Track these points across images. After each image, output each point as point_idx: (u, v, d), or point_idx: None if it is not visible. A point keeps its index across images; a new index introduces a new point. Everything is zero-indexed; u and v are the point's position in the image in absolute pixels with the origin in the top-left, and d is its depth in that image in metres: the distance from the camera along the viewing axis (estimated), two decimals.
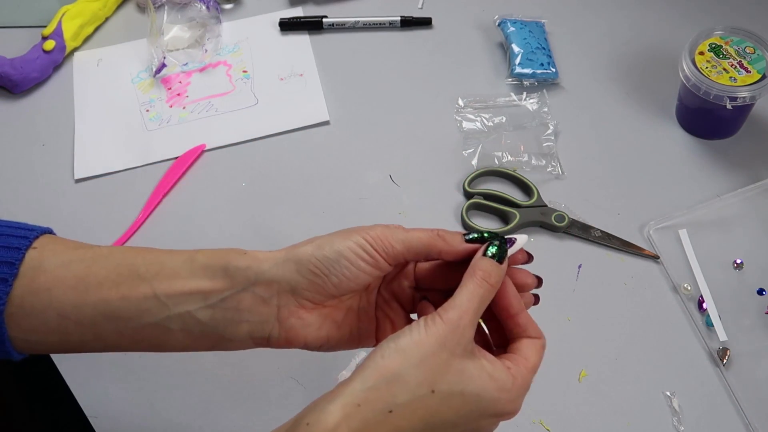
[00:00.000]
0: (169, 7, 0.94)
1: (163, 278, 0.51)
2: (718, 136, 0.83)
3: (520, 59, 0.87)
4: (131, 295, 0.51)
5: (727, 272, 0.73)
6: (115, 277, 0.51)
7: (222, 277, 0.50)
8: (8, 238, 0.53)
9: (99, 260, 0.52)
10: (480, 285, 0.48)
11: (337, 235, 0.51)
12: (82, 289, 0.51)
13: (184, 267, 0.51)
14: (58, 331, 0.52)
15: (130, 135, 0.86)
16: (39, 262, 0.52)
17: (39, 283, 0.51)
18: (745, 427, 0.65)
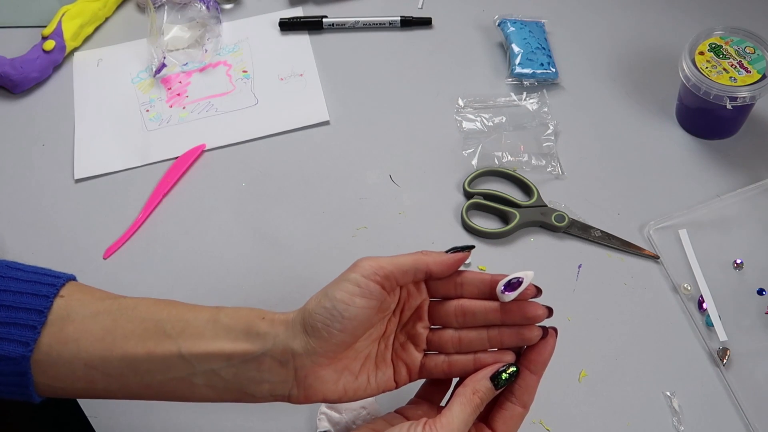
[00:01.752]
0: (169, 7, 0.94)
1: (188, 337, 0.53)
2: (718, 136, 0.83)
3: (520, 59, 0.87)
4: (157, 352, 0.52)
5: (727, 272, 0.73)
6: (141, 332, 0.53)
7: (244, 341, 0.52)
8: (36, 285, 0.54)
9: (125, 312, 0.54)
10: (476, 410, 0.51)
11: (332, 284, 0.53)
12: (109, 342, 0.53)
13: (207, 327, 0.53)
14: (85, 379, 0.53)
15: (130, 135, 0.86)
16: (67, 311, 0.53)
17: (67, 333, 0.53)
18: (745, 427, 0.65)
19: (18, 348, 0.52)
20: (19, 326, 0.52)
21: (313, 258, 0.75)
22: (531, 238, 0.77)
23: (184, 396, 0.54)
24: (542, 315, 0.53)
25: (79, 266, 0.76)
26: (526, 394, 0.53)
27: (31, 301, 0.53)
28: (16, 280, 0.54)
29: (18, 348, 0.52)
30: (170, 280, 0.75)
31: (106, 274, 0.76)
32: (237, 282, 0.75)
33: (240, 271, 0.75)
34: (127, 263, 0.76)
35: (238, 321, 0.53)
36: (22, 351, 0.52)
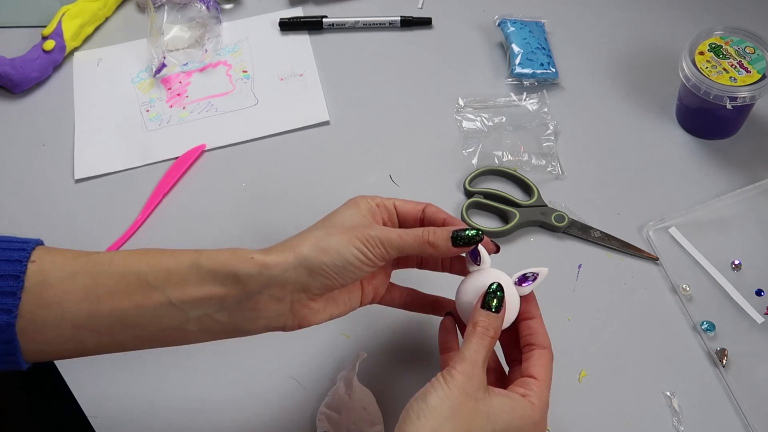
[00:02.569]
0: (169, 7, 0.94)
1: (174, 285, 0.53)
2: (718, 136, 0.83)
3: (520, 59, 0.87)
4: (146, 304, 0.53)
5: (725, 273, 0.73)
6: (124, 287, 0.53)
7: (233, 284, 0.53)
8: (5, 252, 0.53)
9: (102, 269, 0.53)
10: (482, 338, 0.54)
11: (336, 236, 0.55)
12: (93, 300, 0.52)
13: (191, 273, 0.53)
14: (74, 340, 0.53)
15: (130, 135, 0.86)
16: (42, 276, 0.53)
17: (48, 298, 0.52)
18: (745, 428, 0.65)
19: (1, 316, 0.51)
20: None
21: None
22: (531, 238, 0.77)
23: (177, 342, 0.55)
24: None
25: None
26: (540, 336, 0.57)
27: (5, 267, 0.52)
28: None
29: (1, 316, 0.51)
30: None
31: None
32: None
33: None
34: None
35: (222, 264, 0.53)
36: (6, 318, 0.51)
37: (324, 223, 0.58)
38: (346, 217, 0.58)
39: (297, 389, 0.68)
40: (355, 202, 0.59)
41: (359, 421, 0.63)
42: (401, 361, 0.69)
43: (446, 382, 0.52)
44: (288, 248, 0.54)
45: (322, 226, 0.57)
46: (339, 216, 0.58)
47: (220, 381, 0.69)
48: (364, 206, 0.59)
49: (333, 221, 0.58)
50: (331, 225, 0.57)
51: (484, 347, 0.54)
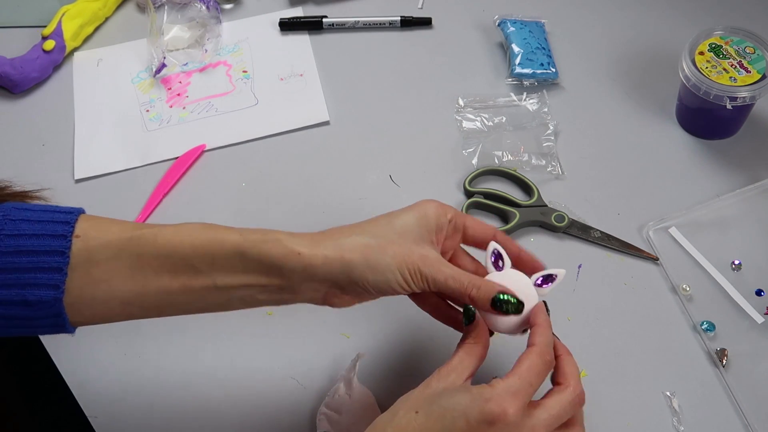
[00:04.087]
0: (169, 7, 0.94)
1: (219, 271, 0.54)
2: (718, 136, 0.83)
3: (520, 59, 0.87)
4: (192, 286, 0.54)
5: (725, 273, 0.73)
6: (170, 268, 0.54)
7: (277, 275, 0.54)
8: (50, 225, 0.54)
9: (147, 249, 0.54)
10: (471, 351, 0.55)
11: (388, 253, 0.55)
12: (140, 279, 0.54)
13: (236, 263, 0.54)
14: (122, 314, 0.55)
15: (130, 135, 0.86)
16: (88, 253, 0.53)
17: (95, 275, 0.53)
18: (744, 428, 0.65)
19: (49, 291, 0.52)
20: (45, 270, 0.52)
21: None
22: (531, 238, 0.77)
23: (218, 311, 0.57)
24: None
25: None
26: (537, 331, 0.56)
27: (50, 243, 0.53)
28: (27, 221, 0.54)
29: (49, 291, 0.52)
30: None
31: None
32: None
33: None
34: None
35: (268, 255, 0.54)
36: (54, 293, 0.52)
37: (383, 225, 0.56)
38: (408, 224, 0.56)
39: (297, 389, 0.68)
40: (425, 209, 0.57)
41: (359, 422, 0.63)
42: (401, 361, 0.69)
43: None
44: (338, 247, 0.54)
45: (379, 230, 0.56)
46: (401, 220, 0.56)
47: (220, 381, 0.69)
48: (433, 217, 0.57)
49: (393, 225, 0.56)
50: (389, 231, 0.56)
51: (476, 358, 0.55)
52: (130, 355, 0.70)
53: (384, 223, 0.56)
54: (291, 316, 0.72)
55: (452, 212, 0.58)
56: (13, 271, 0.52)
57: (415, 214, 0.57)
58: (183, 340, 0.71)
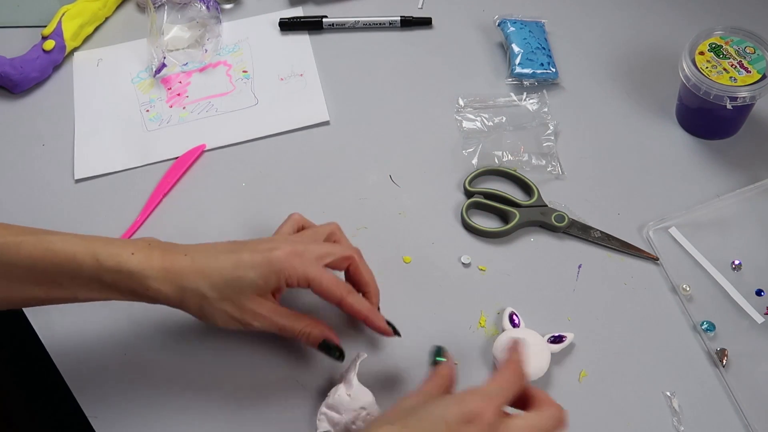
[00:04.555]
0: (169, 7, 0.94)
1: (80, 288, 0.60)
2: (718, 136, 0.83)
3: (520, 59, 0.87)
4: (56, 295, 0.60)
5: (725, 273, 0.73)
6: (33, 279, 0.59)
7: (132, 296, 0.61)
8: None
9: (11, 258, 0.58)
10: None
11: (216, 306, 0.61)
12: (5, 286, 0.59)
13: (94, 285, 0.59)
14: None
15: (130, 135, 0.86)
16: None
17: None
18: (744, 428, 0.65)
19: None
20: None
21: None
22: (531, 238, 0.77)
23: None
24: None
25: None
26: None
27: None
28: None
29: None
30: None
31: None
32: None
33: None
34: None
35: (122, 283, 0.59)
36: None
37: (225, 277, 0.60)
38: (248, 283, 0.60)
39: (297, 389, 0.68)
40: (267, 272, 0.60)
41: (359, 421, 0.63)
42: (401, 362, 0.69)
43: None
44: (179, 290, 0.60)
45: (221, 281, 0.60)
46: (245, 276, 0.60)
47: (220, 380, 0.69)
48: (273, 281, 0.61)
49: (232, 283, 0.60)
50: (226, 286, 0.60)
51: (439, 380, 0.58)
52: (130, 355, 0.70)
53: (228, 277, 0.60)
54: None
55: (296, 278, 0.61)
56: None
57: (258, 273, 0.60)
58: (183, 340, 0.71)
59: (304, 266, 0.61)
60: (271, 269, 0.60)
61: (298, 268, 0.60)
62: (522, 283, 0.74)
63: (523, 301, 0.72)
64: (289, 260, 0.60)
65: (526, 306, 0.71)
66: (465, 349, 0.69)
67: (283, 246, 0.61)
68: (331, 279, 0.62)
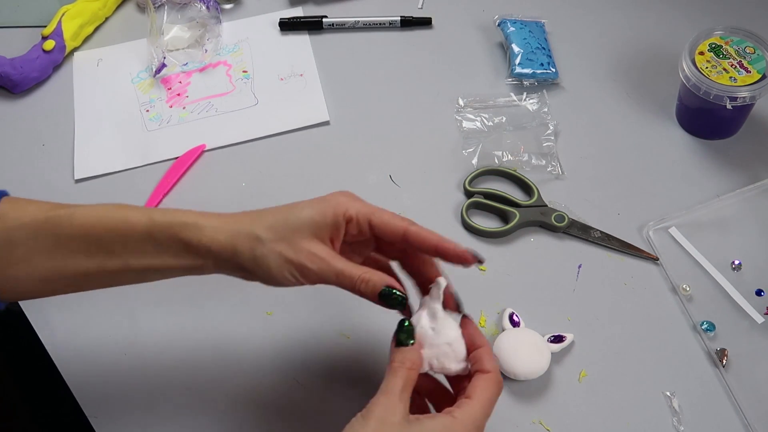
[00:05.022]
0: (169, 7, 0.94)
1: (131, 253, 0.56)
2: (718, 136, 0.83)
3: (520, 59, 0.87)
4: (107, 266, 0.57)
5: (725, 273, 0.73)
6: (86, 249, 0.56)
7: (186, 258, 0.56)
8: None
9: (63, 230, 0.56)
10: (396, 371, 0.54)
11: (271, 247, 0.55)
12: (59, 259, 0.56)
13: (147, 246, 0.56)
14: (44, 291, 0.59)
15: (130, 135, 0.86)
16: (7, 235, 0.56)
17: (15, 256, 0.56)
18: (744, 428, 0.65)
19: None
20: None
21: None
22: (531, 238, 0.77)
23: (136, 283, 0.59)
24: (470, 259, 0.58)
25: None
26: (485, 361, 0.56)
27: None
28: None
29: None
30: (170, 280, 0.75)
31: None
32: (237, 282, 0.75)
33: None
34: None
35: (175, 237, 0.55)
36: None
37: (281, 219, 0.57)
38: (304, 221, 0.56)
39: (297, 389, 0.68)
40: (325, 207, 0.57)
41: (443, 357, 0.58)
42: None
43: (363, 417, 0.52)
44: (232, 236, 0.55)
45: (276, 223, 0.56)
46: (299, 215, 0.56)
47: (220, 381, 0.69)
48: (330, 217, 0.56)
49: (289, 221, 0.56)
50: (283, 226, 0.56)
51: (401, 378, 0.53)
52: (130, 355, 0.70)
53: (282, 217, 0.56)
54: (291, 316, 0.72)
55: (354, 209, 0.56)
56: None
57: (315, 210, 0.56)
58: (183, 340, 0.71)
59: (362, 203, 0.57)
60: (328, 205, 0.56)
61: (356, 202, 0.57)
62: (522, 283, 0.74)
63: (523, 301, 0.72)
64: (346, 197, 0.57)
65: (526, 306, 0.71)
66: None
67: (341, 191, 0.58)
68: (392, 212, 0.57)
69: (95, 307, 0.73)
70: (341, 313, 0.72)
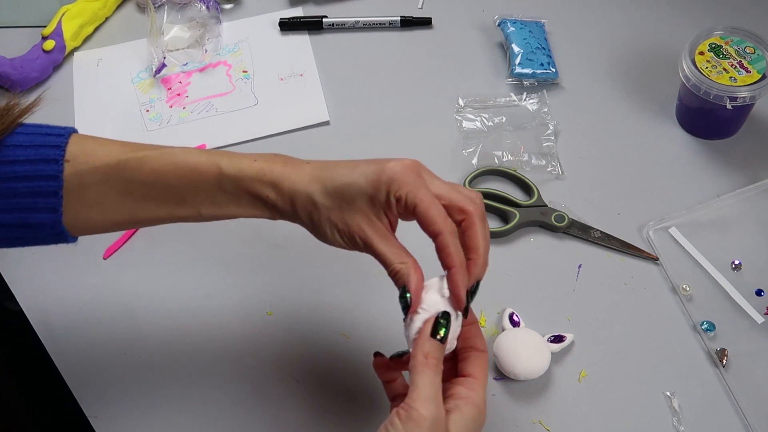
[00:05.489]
0: (169, 7, 0.94)
1: (203, 201, 0.57)
2: (718, 136, 0.83)
3: (520, 59, 0.87)
4: (178, 213, 0.57)
5: (725, 273, 0.73)
6: (157, 195, 0.57)
7: (252, 207, 0.57)
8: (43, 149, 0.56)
9: (134, 175, 0.56)
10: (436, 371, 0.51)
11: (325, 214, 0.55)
12: (130, 203, 0.56)
13: (217, 195, 0.56)
14: (117, 230, 0.61)
15: (130, 135, 0.85)
16: (78, 179, 0.56)
17: (88, 199, 0.56)
18: (745, 428, 0.65)
19: (48, 215, 0.55)
20: (42, 194, 0.55)
21: (313, 258, 0.75)
22: (531, 238, 0.77)
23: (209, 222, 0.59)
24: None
25: (79, 266, 0.76)
26: (478, 339, 0.56)
27: (44, 168, 0.55)
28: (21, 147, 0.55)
29: (48, 215, 0.55)
30: (170, 280, 0.75)
31: (106, 274, 0.76)
32: (237, 282, 0.75)
33: (240, 271, 0.75)
34: (127, 263, 0.76)
35: (244, 190, 0.56)
36: (53, 216, 0.55)
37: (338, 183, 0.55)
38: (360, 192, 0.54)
39: (297, 389, 0.68)
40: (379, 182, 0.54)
41: None
42: None
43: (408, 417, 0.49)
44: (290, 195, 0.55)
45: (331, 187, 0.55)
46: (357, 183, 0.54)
47: (220, 381, 0.69)
48: (383, 194, 0.54)
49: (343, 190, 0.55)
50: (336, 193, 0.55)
51: (439, 379, 0.51)
52: (130, 355, 0.70)
53: (340, 184, 0.55)
54: (291, 316, 0.72)
55: (405, 192, 0.54)
56: (12, 196, 0.55)
57: (371, 184, 0.54)
58: (183, 340, 0.71)
59: (417, 184, 0.54)
60: (383, 178, 0.54)
61: (409, 183, 0.54)
62: (522, 283, 0.74)
63: (523, 301, 0.72)
64: (403, 173, 0.54)
65: (526, 306, 0.71)
66: None
67: (404, 160, 0.55)
68: (440, 209, 0.54)
69: (95, 307, 0.73)
70: (341, 313, 0.72)
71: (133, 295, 0.74)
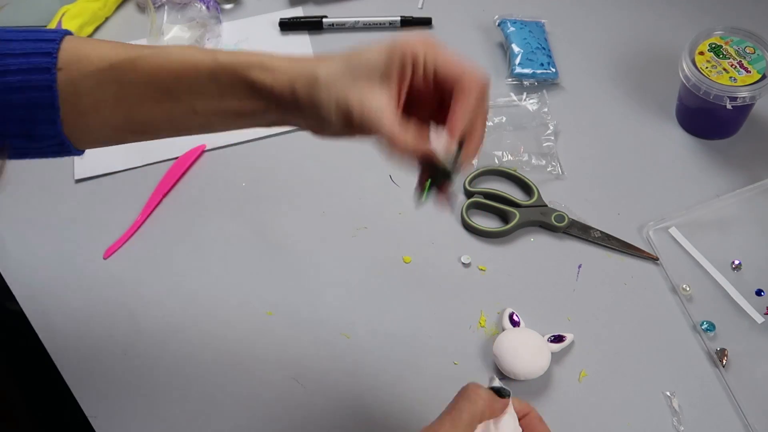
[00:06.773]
0: (169, 7, 0.94)
1: (197, 97, 0.55)
2: (718, 136, 0.83)
3: (520, 59, 0.87)
4: (174, 112, 0.56)
5: (725, 273, 0.73)
6: (151, 95, 0.55)
7: (248, 99, 0.54)
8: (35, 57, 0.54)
9: (127, 77, 0.55)
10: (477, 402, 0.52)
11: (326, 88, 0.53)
12: (126, 107, 0.55)
13: (213, 88, 0.54)
14: (118, 139, 0.59)
15: None
16: (73, 87, 0.54)
17: (83, 106, 0.55)
18: (744, 428, 0.65)
19: (48, 126, 0.55)
20: (39, 107, 0.54)
21: (313, 258, 0.75)
22: (531, 238, 0.77)
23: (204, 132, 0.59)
24: None
25: (79, 266, 0.76)
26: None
27: (37, 78, 0.54)
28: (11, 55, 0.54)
29: (48, 126, 0.55)
30: (170, 279, 0.75)
31: (106, 274, 0.76)
32: (237, 282, 0.75)
33: (240, 271, 0.75)
34: (127, 263, 0.76)
35: (239, 78, 0.54)
36: (53, 127, 0.55)
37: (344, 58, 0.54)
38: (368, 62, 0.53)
39: (297, 389, 0.68)
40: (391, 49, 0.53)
41: None
42: (401, 361, 0.69)
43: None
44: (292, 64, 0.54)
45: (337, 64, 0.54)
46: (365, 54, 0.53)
47: (220, 381, 0.69)
48: (397, 59, 0.53)
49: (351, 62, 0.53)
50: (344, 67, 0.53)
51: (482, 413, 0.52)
52: (130, 355, 0.70)
53: (346, 60, 0.54)
54: (291, 316, 0.72)
55: (422, 51, 0.54)
56: (10, 108, 0.54)
57: (382, 52, 0.53)
58: (183, 341, 0.71)
59: (433, 44, 0.54)
60: (395, 47, 0.53)
61: (427, 44, 0.54)
62: (522, 283, 0.74)
63: (523, 301, 0.72)
64: (416, 39, 0.54)
65: (526, 306, 0.71)
66: (465, 349, 0.69)
67: (418, 35, 0.55)
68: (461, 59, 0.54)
69: (95, 307, 0.73)
70: (341, 312, 0.72)
71: (133, 295, 0.74)
